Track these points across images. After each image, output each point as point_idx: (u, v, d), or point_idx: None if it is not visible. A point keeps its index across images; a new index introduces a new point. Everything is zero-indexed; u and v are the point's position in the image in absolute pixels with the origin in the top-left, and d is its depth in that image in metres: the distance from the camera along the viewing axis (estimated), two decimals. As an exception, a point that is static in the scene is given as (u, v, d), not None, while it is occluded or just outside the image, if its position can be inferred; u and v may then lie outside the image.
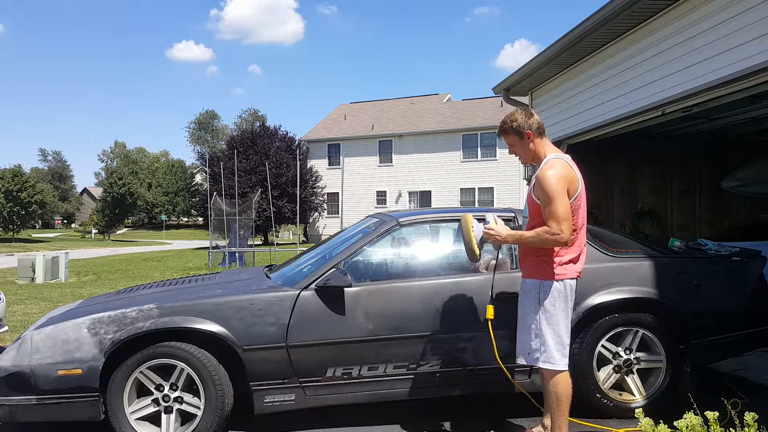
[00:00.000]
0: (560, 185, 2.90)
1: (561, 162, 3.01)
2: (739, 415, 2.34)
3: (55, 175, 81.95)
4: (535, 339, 3.02)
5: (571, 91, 7.78)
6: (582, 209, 3.04)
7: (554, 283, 2.97)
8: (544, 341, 2.99)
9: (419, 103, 34.84)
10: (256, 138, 31.81)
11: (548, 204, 2.89)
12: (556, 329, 2.99)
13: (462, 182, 29.57)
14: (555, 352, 2.98)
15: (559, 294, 2.98)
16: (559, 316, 2.99)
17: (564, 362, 3.00)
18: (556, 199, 2.87)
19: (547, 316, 2.99)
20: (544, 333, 2.99)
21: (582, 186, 3.04)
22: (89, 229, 57.84)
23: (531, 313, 3.04)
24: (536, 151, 3.09)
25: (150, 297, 3.59)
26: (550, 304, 2.98)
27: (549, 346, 2.98)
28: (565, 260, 2.99)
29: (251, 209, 19.67)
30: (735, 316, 3.87)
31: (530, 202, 3.07)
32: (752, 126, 8.09)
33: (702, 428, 2.26)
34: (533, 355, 3.04)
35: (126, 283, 12.55)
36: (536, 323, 3.01)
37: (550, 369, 3.00)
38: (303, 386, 3.37)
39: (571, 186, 2.95)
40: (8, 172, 45.82)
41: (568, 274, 2.99)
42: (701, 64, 5.16)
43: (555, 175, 2.92)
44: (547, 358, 2.99)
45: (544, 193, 2.91)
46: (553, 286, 2.97)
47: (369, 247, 3.70)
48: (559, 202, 2.87)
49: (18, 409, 3.15)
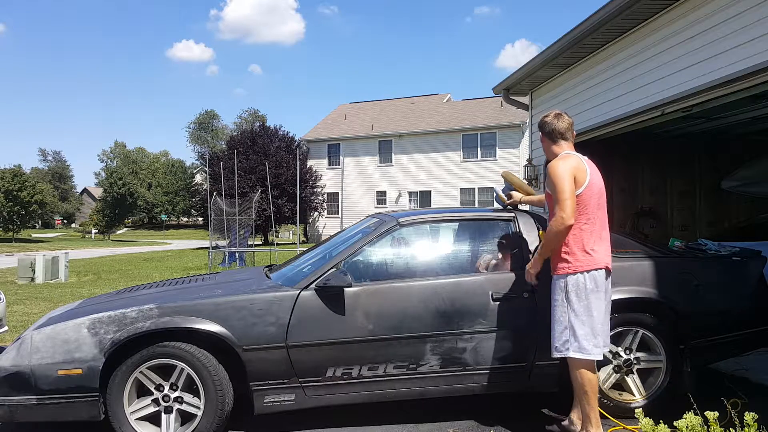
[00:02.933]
0: (564, 171, 3.12)
1: (572, 155, 3.23)
2: (739, 415, 2.35)
3: (55, 175, 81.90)
4: (565, 331, 3.14)
5: (571, 91, 7.78)
6: (594, 201, 3.18)
7: (577, 275, 3.12)
8: (574, 332, 3.11)
9: (419, 103, 34.83)
10: (256, 138, 31.80)
11: (553, 189, 3.12)
12: (585, 320, 3.10)
13: (462, 182, 29.55)
14: (584, 341, 3.09)
15: (583, 285, 3.11)
16: (588, 307, 3.11)
17: (596, 352, 3.11)
18: (557, 183, 3.09)
19: (574, 308, 3.12)
20: (573, 324, 3.11)
21: (592, 180, 3.18)
22: (89, 229, 57.82)
23: (559, 306, 3.17)
24: (555, 151, 3.32)
25: (150, 297, 3.58)
26: (575, 295, 3.12)
27: (579, 336, 3.10)
28: (586, 251, 3.13)
29: (251, 209, 19.66)
30: (735, 316, 3.87)
31: (547, 198, 3.37)
32: (752, 126, 8.09)
33: (702, 428, 2.27)
34: (564, 347, 3.14)
35: (126, 283, 12.55)
36: (565, 316, 3.14)
37: (581, 358, 3.09)
38: (303, 386, 3.37)
39: (577, 174, 3.13)
40: (8, 172, 45.81)
41: (590, 265, 3.12)
42: (701, 64, 5.16)
43: (559, 163, 3.17)
44: (579, 348, 3.10)
45: (550, 181, 3.14)
46: (576, 279, 3.12)
47: (369, 247, 3.70)
48: (561, 184, 3.09)
49: (18, 409, 3.15)
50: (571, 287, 3.13)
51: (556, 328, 3.19)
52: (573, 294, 3.12)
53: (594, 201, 3.17)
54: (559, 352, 3.18)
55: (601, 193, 3.23)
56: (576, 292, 3.12)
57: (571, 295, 3.13)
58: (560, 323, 3.16)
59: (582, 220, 3.13)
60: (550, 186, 3.17)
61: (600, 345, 3.13)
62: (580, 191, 3.12)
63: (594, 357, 3.11)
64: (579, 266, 3.12)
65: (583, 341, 3.09)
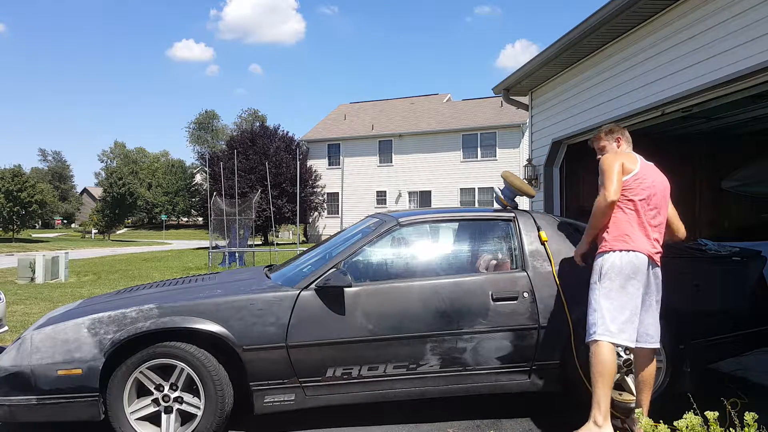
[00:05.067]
0: (611, 160, 3.21)
1: (618, 151, 3.39)
2: (739, 415, 2.34)
3: (55, 175, 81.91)
4: (594, 313, 3.09)
5: (571, 91, 7.78)
6: (644, 189, 3.18)
7: (613, 254, 3.09)
8: (602, 314, 3.03)
9: (419, 103, 34.82)
10: (256, 138, 31.79)
11: (601, 173, 3.21)
12: (615, 303, 3.03)
13: (462, 182, 29.54)
14: (611, 324, 3.01)
15: (618, 266, 3.07)
16: (619, 289, 3.05)
17: (623, 337, 3.01)
18: (604, 169, 3.18)
19: (605, 287, 3.07)
20: (602, 305, 3.05)
21: (642, 173, 3.21)
22: (89, 229, 57.81)
23: (593, 288, 3.15)
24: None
25: (150, 297, 3.58)
26: (607, 277, 3.07)
27: (606, 319, 3.02)
28: (626, 234, 3.12)
29: (251, 209, 19.65)
30: (735, 316, 3.87)
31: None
32: (752, 126, 8.09)
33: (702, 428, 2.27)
34: (591, 329, 3.07)
35: (126, 283, 12.55)
36: (596, 296, 3.10)
37: (606, 342, 3.00)
38: (303, 386, 3.37)
39: (626, 163, 3.21)
40: (8, 172, 45.79)
41: (628, 246, 3.09)
42: (701, 64, 5.16)
43: (605, 157, 3.28)
44: (604, 331, 3.02)
45: (601, 172, 3.21)
46: (611, 258, 3.09)
47: (369, 247, 3.70)
48: (608, 169, 3.16)
49: (18, 409, 3.15)
50: (605, 266, 3.11)
51: (588, 312, 3.14)
52: (606, 274, 3.09)
53: (644, 193, 3.17)
54: (588, 337, 3.09)
55: (654, 190, 3.21)
56: (609, 272, 3.08)
57: (604, 275, 3.10)
58: (591, 306, 3.12)
59: (627, 205, 3.16)
60: (599, 175, 3.22)
61: (627, 330, 3.01)
62: (627, 178, 3.18)
63: (620, 341, 3.00)
64: (615, 245, 3.11)
65: (610, 324, 3.00)
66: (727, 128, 8.34)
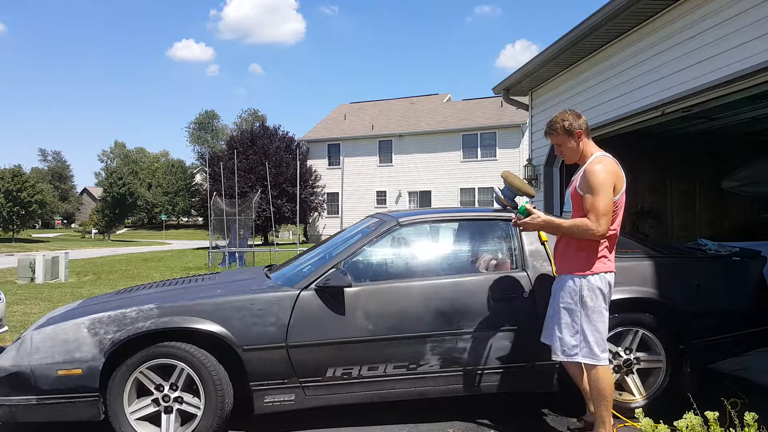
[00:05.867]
0: (608, 180, 2.99)
1: (610, 160, 3.11)
2: (739, 415, 2.34)
3: (55, 175, 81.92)
4: (576, 335, 3.05)
5: (571, 91, 7.78)
6: (622, 209, 3.11)
7: (595, 277, 3.03)
8: (585, 337, 3.03)
9: (419, 103, 34.82)
10: (256, 138, 31.80)
11: (592, 196, 2.98)
12: (597, 325, 3.04)
13: (462, 182, 29.55)
14: (595, 347, 3.03)
15: (599, 288, 3.04)
16: (600, 311, 3.05)
17: (605, 357, 3.06)
18: (600, 193, 2.96)
19: (588, 311, 3.04)
20: (585, 329, 3.03)
21: (625, 186, 3.10)
22: (89, 229, 57.81)
23: (571, 309, 3.07)
24: (584, 150, 3.18)
25: (150, 297, 3.58)
26: (591, 299, 3.03)
27: (590, 341, 3.03)
28: (604, 255, 3.06)
29: (251, 209, 19.65)
30: (735, 316, 3.87)
31: (574, 196, 3.15)
32: (752, 126, 8.09)
33: (702, 428, 2.27)
34: (572, 351, 3.06)
35: (126, 283, 12.55)
36: (577, 319, 3.05)
37: (591, 364, 3.04)
38: (303, 386, 3.37)
39: (617, 183, 3.04)
40: (8, 172, 45.81)
41: (607, 267, 3.06)
42: (701, 64, 5.16)
43: (604, 170, 3.02)
44: (588, 353, 3.04)
45: (590, 185, 2.99)
46: (594, 280, 3.03)
47: (369, 247, 3.70)
48: (603, 196, 2.96)
49: (18, 409, 3.15)
50: (586, 290, 3.03)
51: (563, 331, 3.09)
52: (588, 297, 3.03)
53: (622, 209, 3.11)
54: (567, 357, 3.09)
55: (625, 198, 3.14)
56: (592, 295, 3.03)
57: (586, 298, 3.03)
58: (570, 327, 3.06)
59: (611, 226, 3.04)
60: (587, 190, 3.01)
61: (606, 350, 3.09)
62: (615, 198, 3.03)
63: (603, 363, 3.05)
64: (597, 268, 3.03)
65: (594, 346, 3.02)
66: (727, 128, 8.34)
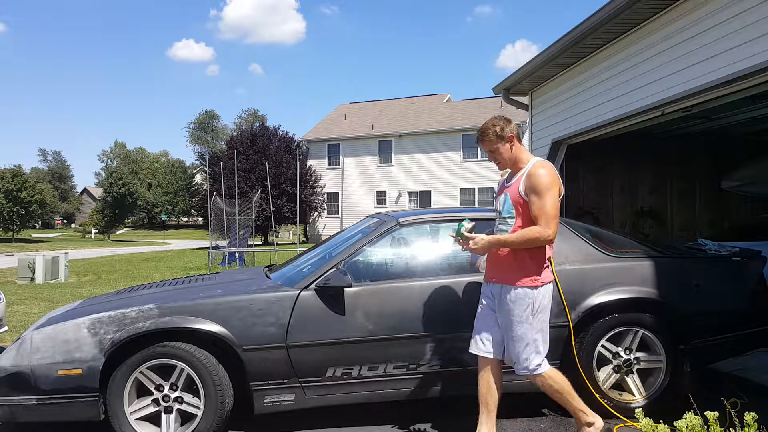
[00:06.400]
0: (553, 183, 2.94)
1: (550, 164, 3.08)
2: (739, 415, 2.35)
3: (55, 175, 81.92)
4: (526, 348, 2.98)
5: (571, 91, 7.77)
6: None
7: (544, 288, 2.99)
8: (537, 348, 3.00)
9: (419, 103, 34.83)
10: (256, 138, 31.80)
11: (540, 199, 2.90)
12: (544, 336, 3.02)
13: (462, 182, 29.56)
14: (543, 357, 3.02)
15: (547, 299, 3.01)
16: (546, 321, 3.03)
17: (546, 362, 3.04)
18: (547, 196, 2.90)
19: (538, 322, 2.99)
20: (536, 340, 2.99)
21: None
22: (89, 229, 57.79)
23: (524, 322, 2.96)
24: (518, 156, 3.09)
25: (150, 297, 3.58)
26: (541, 310, 2.98)
27: (541, 352, 3.01)
28: (547, 264, 3.02)
29: (251, 209, 19.66)
30: (735, 316, 3.87)
31: (517, 202, 3.02)
32: (752, 126, 8.09)
33: (702, 428, 2.27)
34: (529, 365, 3.00)
35: (126, 283, 12.55)
36: (530, 331, 2.97)
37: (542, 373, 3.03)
38: (303, 386, 3.37)
39: (559, 187, 3.00)
40: (8, 172, 45.80)
41: (550, 276, 3.04)
42: (701, 64, 5.16)
43: (548, 173, 2.96)
44: (541, 361, 3.01)
45: (537, 189, 2.91)
46: (543, 291, 2.98)
47: (369, 247, 3.70)
48: (551, 198, 2.91)
49: (18, 409, 3.15)
50: (537, 301, 2.96)
51: (517, 345, 2.99)
52: (539, 308, 2.97)
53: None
54: (532, 373, 3.01)
55: None
56: (542, 306, 2.98)
57: (537, 309, 2.97)
58: (522, 340, 2.97)
59: None
60: (534, 194, 2.92)
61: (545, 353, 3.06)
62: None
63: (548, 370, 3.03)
64: (544, 278, 2.98)
65: (543, 356, 3.01)
66: (727, 128, 8.34)
